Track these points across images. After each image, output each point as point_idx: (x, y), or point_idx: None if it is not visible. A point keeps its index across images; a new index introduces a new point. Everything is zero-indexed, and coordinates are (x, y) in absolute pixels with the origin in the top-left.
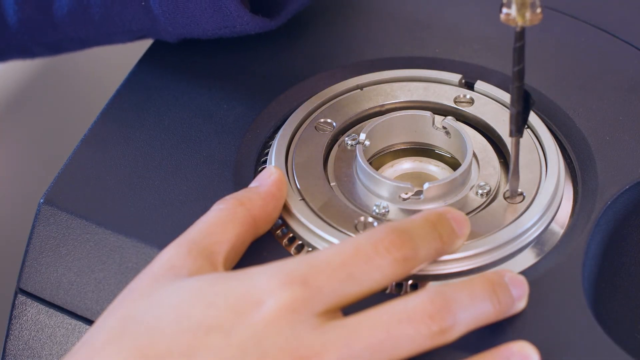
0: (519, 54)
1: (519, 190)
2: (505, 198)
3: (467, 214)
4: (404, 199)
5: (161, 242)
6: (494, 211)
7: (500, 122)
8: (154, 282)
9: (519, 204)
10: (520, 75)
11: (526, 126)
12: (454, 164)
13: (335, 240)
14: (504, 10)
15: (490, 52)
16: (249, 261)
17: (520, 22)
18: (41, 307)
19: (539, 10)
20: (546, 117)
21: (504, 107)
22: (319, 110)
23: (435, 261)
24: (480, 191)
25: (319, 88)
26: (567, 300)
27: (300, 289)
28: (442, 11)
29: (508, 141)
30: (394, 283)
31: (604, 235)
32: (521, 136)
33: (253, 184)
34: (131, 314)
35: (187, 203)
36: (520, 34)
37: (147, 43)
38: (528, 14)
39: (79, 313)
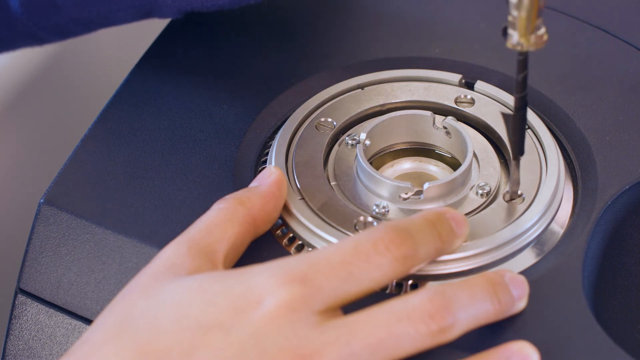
0: (522, 83)
1: (519, 191)
2: (504, 199)
3: (467, 214)
4: (404, 199)
5: (161, 242)
6: (494, 211)
7: (501, 122)
8: (154, 280)
9: (519, 204)
10: (523, 102)
11: (527, 127)
12: (454, 164)
13: (334, 240)
14: (509, 31)
15: (490, 52)
16: (249, 261)
17: (525, 46)
18: (41, 307)
19: (543, 32)
20: (546, 117)
21: (505, 108)
22: (319, 110)
23: (435, 261)
24: (480, 191)
25: (319, 88)
26: (567, 300)
27: (299, 288)
28: (442, 11)
29: (509, 142)
30: (394, 283)
31: (604, 235)
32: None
33: (253, 184)
34: (130, 313)
35: (187, 203)
36: (523, 63)
37: (147, 43)
38: (532, 37)
39: (79, 313)
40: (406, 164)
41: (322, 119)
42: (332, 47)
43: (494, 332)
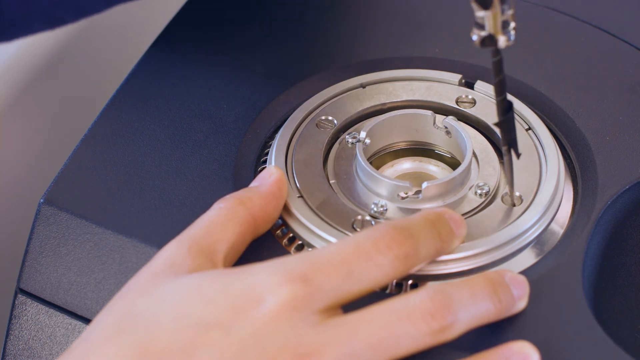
0: (498, 67)
1: (517, 193)
2: (503, 200)
3: (466, 213)
4: (403, 198)
5: (161, 242)
6: (494, 211)
7: None
8: (154, 279)
9: (519, 204)
10: (502, 86)
11: (528, 127)
12: (454, 164)
13: (332, 239)
14: (476, 32)
15: (490, 52)
16: (249, 261)
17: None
18: (41, 307)
19: (512, 30)
20: (546, 117)
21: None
22: (320, 108)
23: (435, 261)
24: (479, 191)
25: (319, 88)
26: (567, 300)
27: (300, 287)
28: (442, 11)
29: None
30: (394, 282)
31: (604, 235)
32: (514, 149)
33: (253, 184)
34: (130, 311)
35: (187, 203)
36: (497, 50)
37: (146, 43)
38: (502, 37)
39: (79, 313)
40: (406, 164)
41: (323, 117)
42: (333, 47)
43: (494, 332)
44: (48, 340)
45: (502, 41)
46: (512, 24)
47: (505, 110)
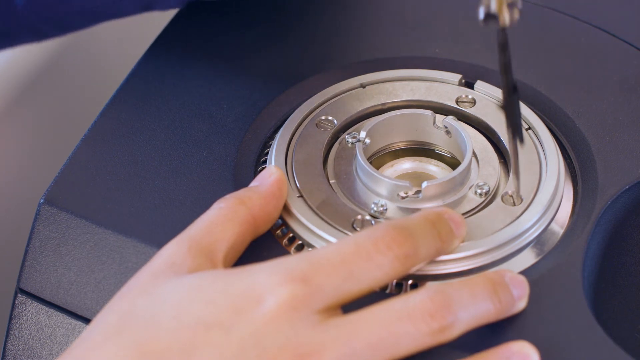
0: (503, 48)
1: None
2: (503, 199)
3: (466, 213)
4: (402, 198)
5: (161, 242)
6: (494, 211)
7: (502, 123)
8: (154, 279)
9: (519, 204)
10: (507, 68)
11: (528, 127)
12: (454, 164)
13: (332, 239)
14: (482, 10)
15: (490, 52)
16: (249, 261)
17: (501, 24)
18: (41, 307)
19: (517, 11)
20: (546, 117)
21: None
22: (320, 108)
23: (435, 261)
24: (479, 191)
25: (319, 88)
26: (567, 300)
27: (300, 287)
28: (442, 11)
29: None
30: (393, 282)
31: (604, 235)
32: (518, 134)
33: (254, 183)
34: (130, 310)
35: (187, 203)
36: (503, 31)
37: (146, 43)
38: (507, 15)
39: (79, 313)
40: (406, 164)
41: (323, 117)
42: (333, 47)
43: (494, 332)
44: (48, 340)
45: (506, 19)
46: (519, 4)
47: (510, 93)
